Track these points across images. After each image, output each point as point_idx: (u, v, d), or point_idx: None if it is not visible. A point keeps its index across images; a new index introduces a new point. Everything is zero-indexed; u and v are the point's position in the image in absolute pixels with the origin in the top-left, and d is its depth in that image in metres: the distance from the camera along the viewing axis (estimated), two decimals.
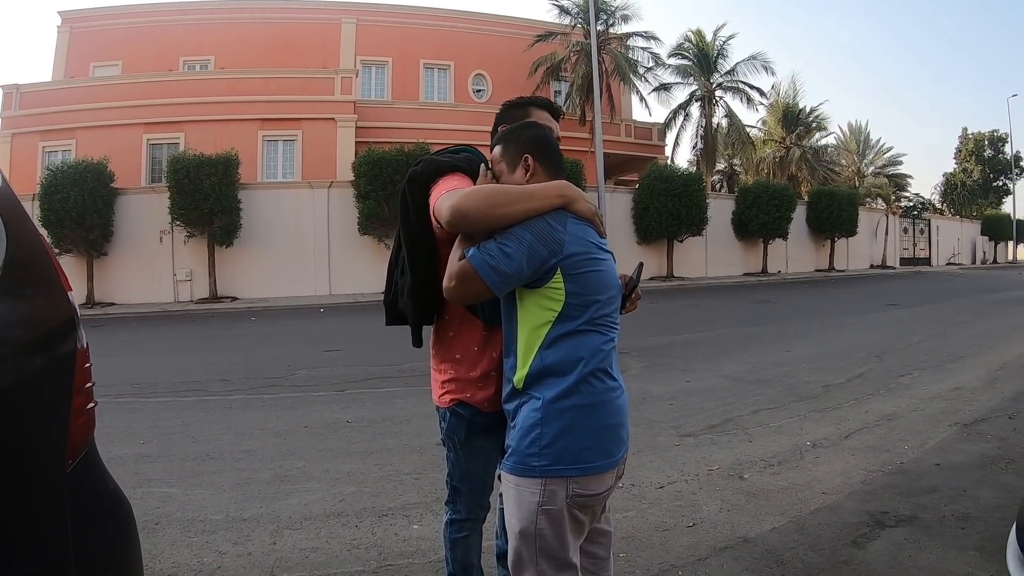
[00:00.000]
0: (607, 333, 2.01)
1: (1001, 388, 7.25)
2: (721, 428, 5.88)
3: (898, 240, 41.37)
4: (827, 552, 3.46)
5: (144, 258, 20.80)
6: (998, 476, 4.55)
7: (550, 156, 2.12)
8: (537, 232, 1.90)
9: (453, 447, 2.36)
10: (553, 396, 1.92)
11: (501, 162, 2.14)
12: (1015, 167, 56.37)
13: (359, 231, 21.31)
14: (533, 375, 1.95)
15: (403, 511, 4.07)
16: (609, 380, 2.00)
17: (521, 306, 1.98)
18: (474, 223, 1.93)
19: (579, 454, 1.91)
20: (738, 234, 30.28)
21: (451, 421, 2.31)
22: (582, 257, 1.94)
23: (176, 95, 24.09)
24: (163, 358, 10.51)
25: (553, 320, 1.93)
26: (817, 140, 41.29)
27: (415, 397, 6.94)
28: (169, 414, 6.62)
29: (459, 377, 2.28)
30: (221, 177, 19.67)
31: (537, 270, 1.90)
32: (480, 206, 1.89)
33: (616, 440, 2.00)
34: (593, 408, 1.94)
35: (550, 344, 1.94)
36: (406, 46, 30.61)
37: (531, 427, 1.93)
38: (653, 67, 32.03)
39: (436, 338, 2.39)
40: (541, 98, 2.57)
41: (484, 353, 2.26)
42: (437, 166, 2.22)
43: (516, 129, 2.19)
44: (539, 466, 1.91)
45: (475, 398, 2.26)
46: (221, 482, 4.62)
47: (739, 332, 12.26)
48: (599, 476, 1.96)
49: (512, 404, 2.03)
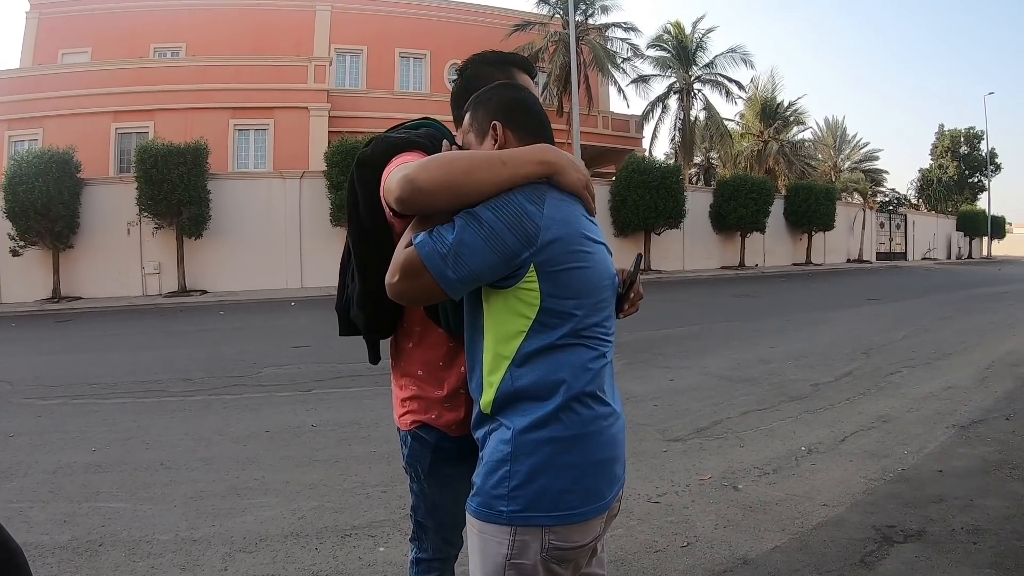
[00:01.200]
0: (597, 347, 1.59)
1: (993, 387, 7.12)
2: (710, 432, 5.61)
3: (874, 235, 41.63)
4: (835, 574, 3.20)
5: (111, 251, 20.23)
6: (1004, 483, 4.36)
7: (524, 122, 1.69)
8: (505, 214, 1.47)
9: (416, 477, 1.96)
10: (526, 425, 1.51)
11: (469, 132, 1.73)
12: (990, 164, 57.17)
13: (331, 223, 20.95)
14: (502, 399, 1.55)
15: (368, 530, 3.72)
16: (599, 406, 1.57)
17: (487, 310, 1.57)
18: (429, 197, 1.48)
19: (558, 498, 1.51)
20: (716, 227, 30.25)
21: (413, 447, 1.91)
22: (563, 249, 1.51)
23: (146, 82, 23.62)
24: (126, 355, 10.10)
25: (526, 330, 1.52)
26: (795, 134, 41.76)
27: (385, 398, 6.54)
28: (126, 417, 6.25)
29: (422, 395, 1.88)
30: (190, 167, 19.20)
31: (504, 265, 1.48)
32: (436, 175, 1.46)
33: (608, 478, 1.59)
34: (577, 441, 1.53)
35: (523, 361, 1.53)
36: (382, 34, 30.21)
37: (499, 463, 1.53)
38: (631, 58, 31.96)
39: (394, 349, 1.98)
40: (521, 57, 2.08)
41: (451, 368, 1.85)
42: (390, 144, 1.79)
43: (487, 91, 1.75)
44: (507, 511, 1.51)
45: (441, 420, 1.85)
46: (173, 495, 4.27)
47: (720, 327, 12.06)
48: (584, 524, 1.55)
49: (481, 431, 1.64)
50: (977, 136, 59.86)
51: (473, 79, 1.94)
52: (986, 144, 57.45)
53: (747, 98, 39.00)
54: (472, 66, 1.98)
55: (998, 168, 59.97)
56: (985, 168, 57.45)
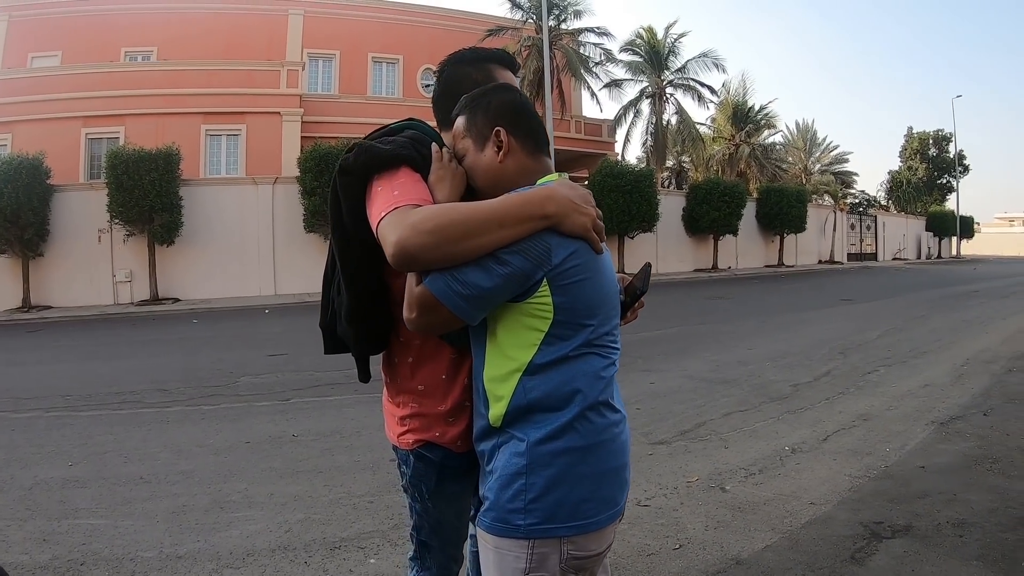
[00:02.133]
0: (608, 355, 1.59)
1: (970, 384, 7.29)
2: (694, 434, 5.67)
3: (845, 236, 42.14)
4: (826, 571, 3.26)
5: (82, 258, 19.91)
6: (985, 478, 4.48)
7: (529, 128, 1.66)
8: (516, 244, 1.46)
9: (420, 496, 1.86)
10: (541, 437, 1.50)
11: (466, 137, 1.67)
12: (959, 165, 57.96)
13: (305, 229, 20.85)
14: (514, 411, 1.53)
15: (357, 541, 3.69)
16: (611, 413, 1.58)
17: (497, 324, 1.55)
18: (425, 265, 1.46)
19: (577, 508, 1.50)
20: (689, 230, 30.54)
21: (417, 467, 1.81)
22: (574, 263, 1.50)
23: (117, 87, 23.27)
24: (100, 365, 9.97)
25: (539, 342, 1.51)
26: (766, 138, 42.17)
27: (365, 406, 6.58)
28: (101, 429, 6.16)
29: (424, 412, 1.78)
30: (162, 173, 18.94)
31: (519, 287, 1.47)
32: (429, 242, 1.41)
33: (620, 484, 1.60)
34: (592, 450, 1.52)
35: (536, 371, 1.51)
36: (354, 39, 30.08)
37: (513, 476, 1.51)
38: (604, 63, 32.11)
39: (389, 364, 1.88)
40: (499, 52, 2.00)
41: (455, 381, 1.76)
42: (375, 156, 1.67)
43: (484, 94, 1.69)
44: (525, 525, 1.49)
45: (446, 437, 1.77)
46: (155, 511, 4.20)
47: (697, 329, 12.19)
48: (600, 532, 1.55)
49: (487, 444, 1.60)
50: (945, 138, 60.65)
51: (451, 81, 1.90)
52: (954, 146, 58.23)
53: (719, 102, 39.34)
54: (449, 67, 1.93)
55: (966, 169, 60.85)
56: (953, 169, 58.26)
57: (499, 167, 1.63)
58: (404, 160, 1.66)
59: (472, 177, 1.67)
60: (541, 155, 1.69)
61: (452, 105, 1.83)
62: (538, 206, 1.48)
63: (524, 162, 1.65)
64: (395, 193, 1.56)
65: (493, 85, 1.77)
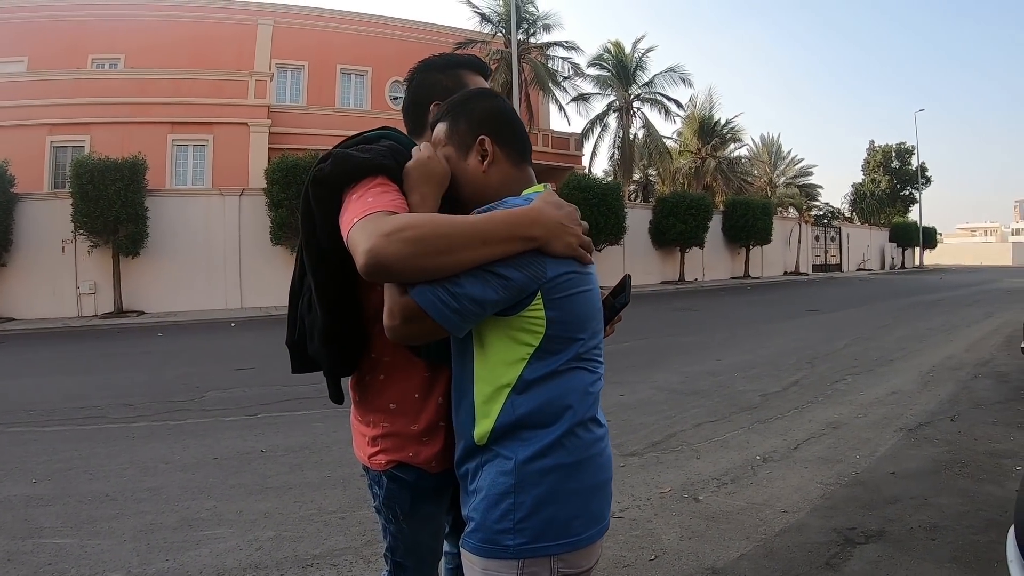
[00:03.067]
0: (596, 370, 1.58)
1: (936, 390, 7.49)
2: (665, 445, 5.75)
3: (810, 247, 42.84)
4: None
5: (45, 269, 19.51)
6: (955, 482, 4.61)
7: (514, 137, 1.64)
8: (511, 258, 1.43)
9: (394, 518, 1.83)
10: (530, 455, 1.47)
11: (447, 145, 1.64)
12: (921, 177, 59.10)
13: (272, 241, 20.72)
14: (502, 428, 1.49)
15: (330, 559, 3.69)
16: (597, 428, 1.57)
17: (483, 339, 1.50)
18: (397, 277, 1.40)
19: (567, 525, 1.48)
20: (655, 243, 30.79)
21: (390, 489, 1.77)
22: (568, 276, 1.49)
23: (83, 94, 22.99)
24: (63, 380, 9.83)
25: (528, 357, 1.47)
26: (732, 151, 42.72)
27: (334, 420, 6.57)
28: (66, 445, 6.09)
29: (396, 432, 1.74)
30: (128, 183, 18.68)
31: (511, 300, 1.44)
32: (407, 253, 1.34)
33: (606, 498, 1.59)
34: (581, 466, 1.51)
35: (525, 388, 1.47)
36: (323, 50, 30.01)
37: (501, 495, 1.47)
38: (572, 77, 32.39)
39: (359, 382, 1.82)
40: (468, 56, 1.98)
41: (428, 399, 1.73)
42: (352, 165, 1.60)
43: (467, 100, 1.66)
44: (515, 545, 1.46)
45: (419, 457, 1.73)
46: (122, 529, 4.17)
47: (665, 341, 12.29)
48: (590, 548, 1.53)
49: (471, 463, 1.56)
50: (908, 151, 61.74)
51: (421, 88, 1.88)
52: (917, 158, 59.32)
53: (685, 116, 39.76)
54: (419, 74, 1.90)
55: (928, 181, 61.98)
56: (916, 181, 59.33)
57: (483, 177, 1.61)
58: (383, 169, 1.60)
59: (453, 186, 1.64)
60: (525, 164, 1.68)
61: (422, 113, 1.84)
62: (525, 228, 1.43)
63: (508, 172, 1.63)
64: (368, 200, 1.51)
65: (475, 90, 1.74)
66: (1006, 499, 4.15)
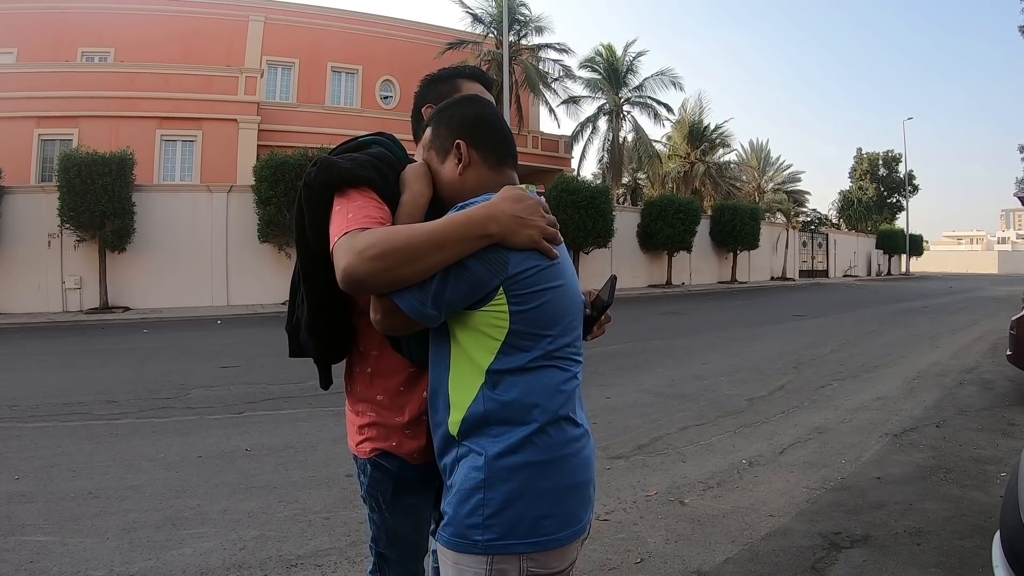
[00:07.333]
0: (569, 368, 1.58)
1: (921, 396, 7.56)
2: (651, 448, 5.76)
3: (797, 253, 43.03)
4: None
5: (30, 264, 19.38)
6: (939, 487, 4.65)
7: (490, 140, 1.67)
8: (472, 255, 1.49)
9: (377, 507, 1.87)
10: (500, 451, 1.48)
11: (431, 149, 1.70)
12: (908, 185, 59.44)
13: (259, 238, 20.61)
14: (472, 420, 1.51)
15: (314, 559, 3.67)
16: (572, 428, 1.56)
17: (455, 332, 1.55)
18: (374, 290, 1.50)
19: (536, 524, 1.48)
20: (643, 246, 30.85)
21: (373, 476, 1.83)
22: (532, 273, 1.50)
23: (71, 87, 22.79)
24: (47, 375, 9.76)
25: (496, 351, 1.50)
26: (721, 156, 42.79)
27: (320, 419, 6.57)
28: (49, 442, 6.04)
29: (382, 422, 1.80)
30: (115, 177, 18.55)
31: (477, 293, 1.48)
32: (377, 269, 1.44)
33: (584, 501, 1.58)
34: (553, 465, 1.51)
35: (496, 383, 1.50)
36: (314, 48, 29.84)
37: (471, 491, 1.49)
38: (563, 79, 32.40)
39: (349, 373, 1.90)
40: (471, 68, 2.05)
41: (412, 393, 1.79)
42: (334, 174, 1.66)
43: (450, 106, 1.72)
44: (483, 541, 1.47)
45: (403, 448, 1.78)
46: (105, 527, 4.13)
47: (651, 344, 12.32)
48: (562, 550, 1.52)
49: (448, 458, 1.58)
50: (895, 159, 62.07)
51: (420, 97, 1.96)
52: (904, 166, 59.59)
53: (675, 120, 39.88)
54: (422, 86, 1.99)
55: (916, 188, 62.36)
56: (903, 189, 59.71)
57: (459, 180, 1.65)
58: (362, 180, 1.64)
59: (436, 189, 1.69)
60: (505, 168, 1.69)
61: (420, 119, 1.91)
62: (479, 227, 1.48)
63: (485, 175, 1.65)
64: (348, 216, 1.56)
65: (460, 97, 1.79)
66: (991, 505, 4.18)
